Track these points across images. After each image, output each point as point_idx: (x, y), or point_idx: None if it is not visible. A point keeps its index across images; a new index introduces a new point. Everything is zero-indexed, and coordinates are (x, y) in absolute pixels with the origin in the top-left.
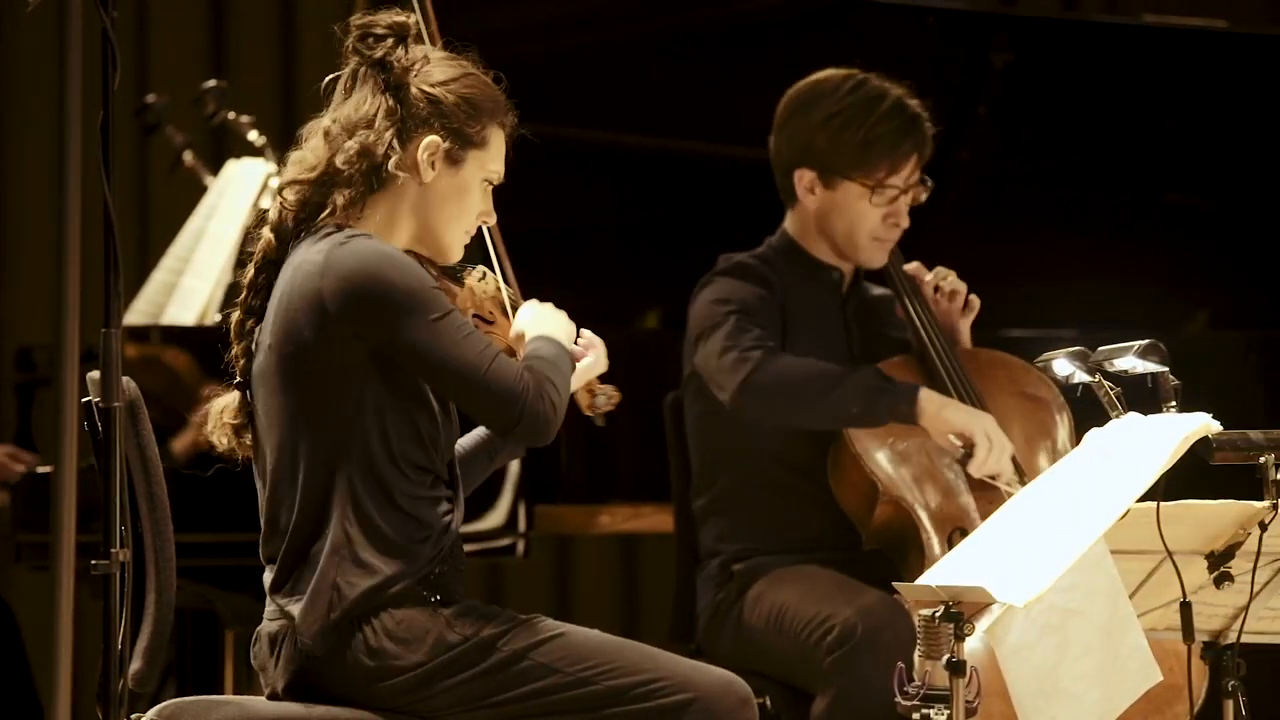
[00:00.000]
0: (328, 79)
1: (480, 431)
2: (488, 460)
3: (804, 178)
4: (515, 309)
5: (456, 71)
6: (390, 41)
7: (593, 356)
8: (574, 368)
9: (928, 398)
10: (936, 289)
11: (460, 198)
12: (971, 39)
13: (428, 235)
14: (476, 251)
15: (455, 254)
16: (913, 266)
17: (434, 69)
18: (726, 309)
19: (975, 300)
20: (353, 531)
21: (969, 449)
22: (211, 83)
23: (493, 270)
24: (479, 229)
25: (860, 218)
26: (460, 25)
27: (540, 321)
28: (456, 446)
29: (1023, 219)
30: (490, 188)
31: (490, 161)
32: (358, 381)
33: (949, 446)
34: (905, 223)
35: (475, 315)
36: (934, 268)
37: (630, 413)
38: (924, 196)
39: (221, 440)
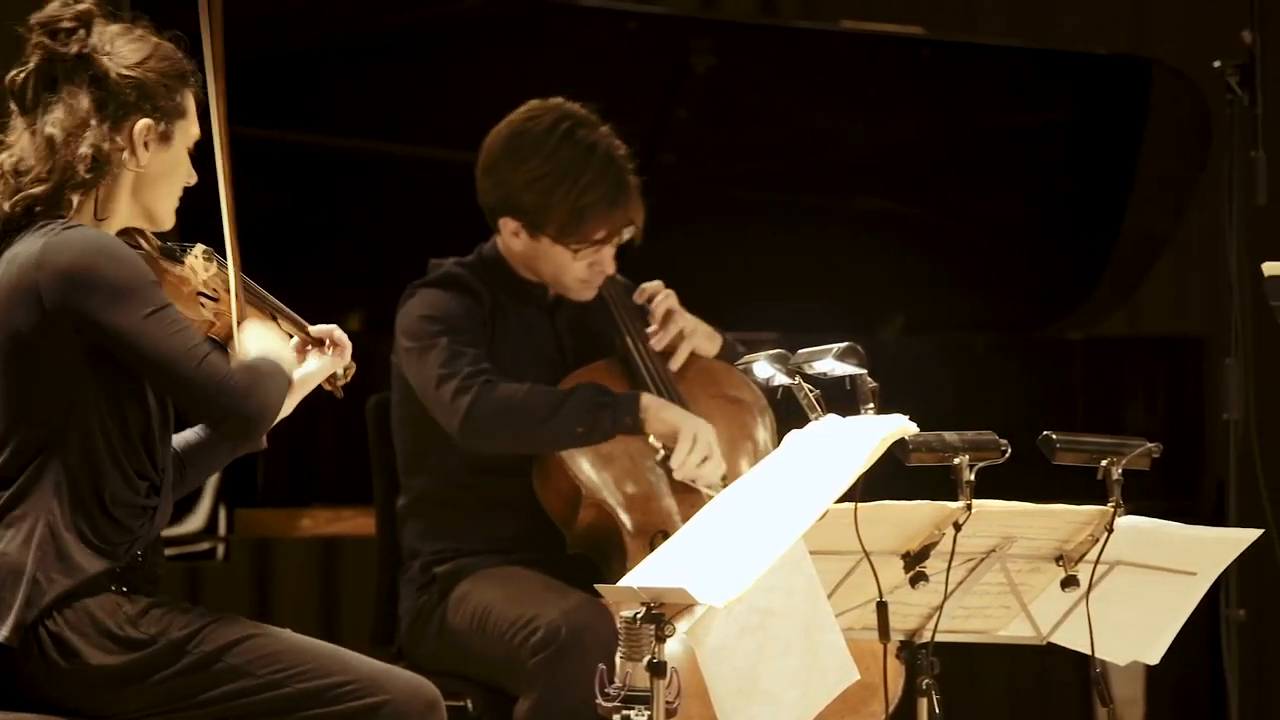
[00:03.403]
0: (13, 73)
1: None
2: (210, 455)
3: (509, 225)
4: (239, 288)
5: (146, 49)
6: (82, 33)
7: (317, 363)
8: (289, 385)
9: (649, 401)
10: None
11: (174, 170)
12: (673, 43)
13: (145, 212)
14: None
15: (171, 220)
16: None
17: (124, 50)
18: (436, 328)
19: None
20: (58, 526)
21: (670, 451)
22: None
23: (221, 251)
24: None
25: (565, 268)
26: (164, 26)
27: (260, 344)
28: (182, 439)
29: (724, 222)
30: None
31: (191, 126)
32: (74, 377)
33: (651, 448)
34: (610, 269)
35: (200, 293)
36: (639, 282)
37: (332, 415)
38: (628, 237)
39: None
